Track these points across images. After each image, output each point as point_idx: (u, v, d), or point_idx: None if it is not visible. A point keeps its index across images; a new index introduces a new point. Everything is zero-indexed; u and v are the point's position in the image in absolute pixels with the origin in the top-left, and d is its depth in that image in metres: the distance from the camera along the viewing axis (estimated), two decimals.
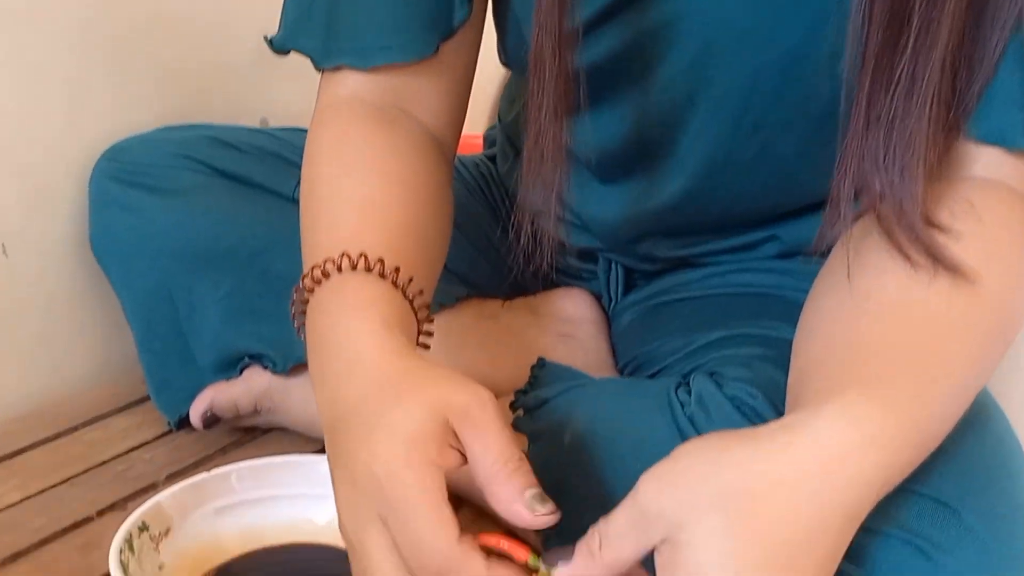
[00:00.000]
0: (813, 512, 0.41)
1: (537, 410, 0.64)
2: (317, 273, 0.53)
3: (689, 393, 0.56)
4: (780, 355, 0.56)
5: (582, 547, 0.46)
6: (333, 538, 0.68)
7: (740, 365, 0.58)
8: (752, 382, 0.55)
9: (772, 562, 0.40)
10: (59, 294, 0.95)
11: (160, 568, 0.61)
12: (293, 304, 0.56)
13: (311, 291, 0.54)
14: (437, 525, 0.43)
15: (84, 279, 0.96)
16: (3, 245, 0.89)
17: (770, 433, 0.43)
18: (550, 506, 0.45)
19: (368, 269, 0.52)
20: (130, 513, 0.60)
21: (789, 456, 0.42)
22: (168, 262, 0.83)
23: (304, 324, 0.55)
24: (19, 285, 0.91)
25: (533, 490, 0.45)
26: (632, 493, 0.44)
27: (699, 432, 0.54)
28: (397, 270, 0.53)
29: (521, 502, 0.45)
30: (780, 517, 0.41)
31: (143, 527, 0.62)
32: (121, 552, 0.58)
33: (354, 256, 0.52)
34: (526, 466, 0.46)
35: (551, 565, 0.46)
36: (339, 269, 0.52)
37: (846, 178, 0.51)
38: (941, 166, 0.52)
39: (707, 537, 0.41)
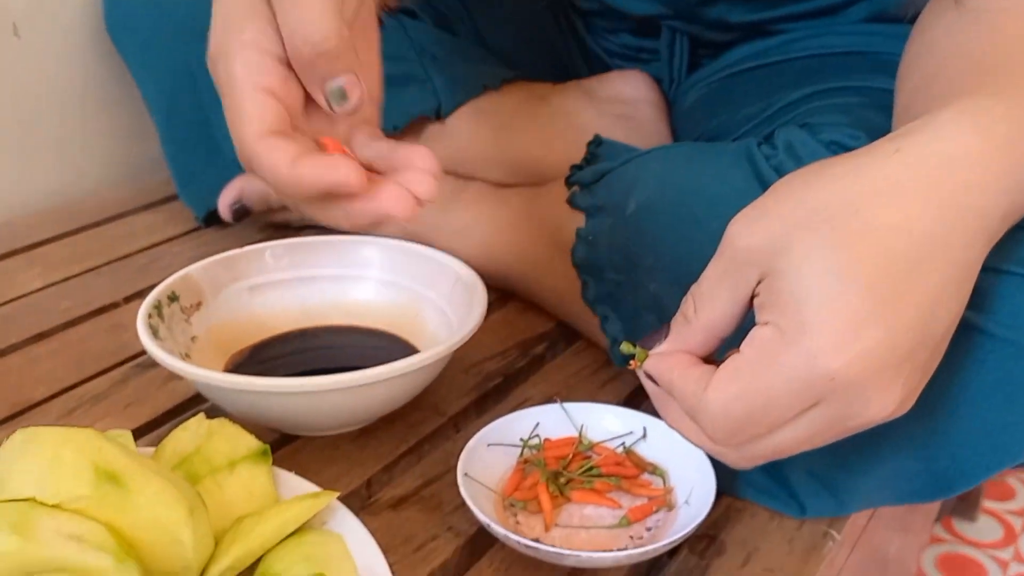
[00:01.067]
0: (929, 222, 0.35)
1: (595, 184, 0.59)
2: None
3: (775, 147, 0.50)
4: (881, 103, 0.49)
5: (677, 317, 0.41)
6: (372, 320, 0.64)
7: (836, 112, 0.52)
8: (853, 126, 0.48)
9: (883, 280, 0.34)
10: (76, 84, 0.89)
11: (193, 340, 0.58)
12: None
13: None
14: (238, 115, 0.42)
15: (104, 69, 0.90)
16: (14, 25, 0.83)
17: (876, 145, 0.37)
18: (351, 104, 0.43)
19: None
20: None
21: (900, 161, 0.36)
22: (190, 41, 0.76)
23: None
24: (33, 73, 0.85)
25: (338, 81, 0.43)
26: (720, 244, 0.39)
27: None
28: None
29: (321, 92, 0.43)
30: (890, 227, 0.35)
31: (173, 297, 0.58)
32: (150, 316, 0.54)
33: None
34: (344, 52, 0.42)
35: (648, 347, 0.41)
36: None
37: None
38: None
39: (806, 258, 0.35)
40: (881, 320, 0.34)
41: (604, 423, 0.53)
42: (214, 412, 0.51)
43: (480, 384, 0.61)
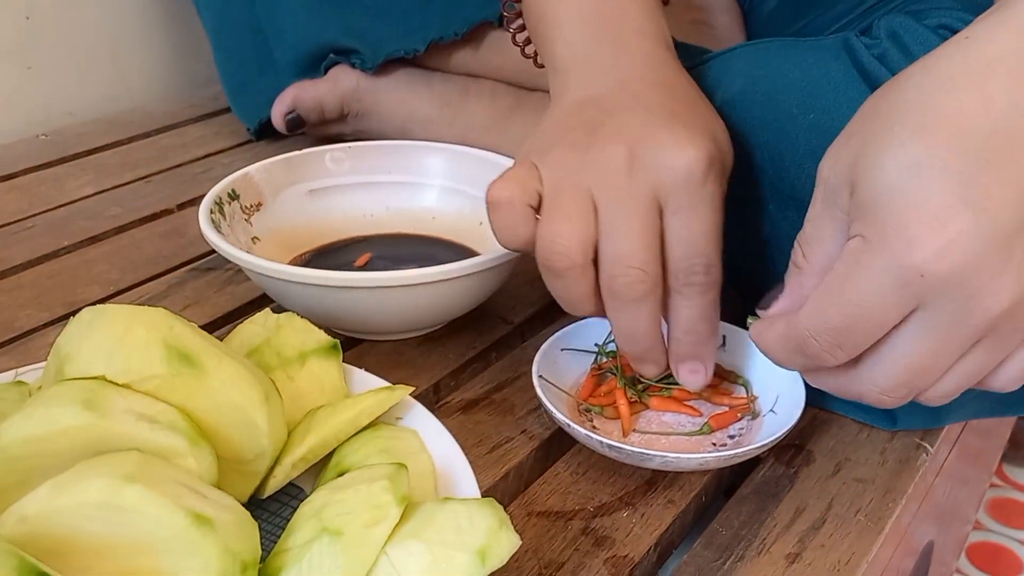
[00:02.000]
0: (1007, 98, 0.32)
1: None
2: None
3: (876, 36, 0.46)
4: None
5: (789, 268, 0.39)
6: (435, 228, 0.61)
7: None
8: (964, 8, 0.45)
9: (965, 165, 0.32)
10: None
11: (253, 241, 0.56)
12: None
13: None
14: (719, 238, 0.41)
15: None
16: None
17: (949, 40, 0.34)
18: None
19: None
20: None
21: (970, 47, 0.33)
22: None
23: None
24: None
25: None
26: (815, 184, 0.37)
27: (893, 72, 0.44)
28: None
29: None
30: (965, 111, 0.32)
31: (233, 195, 0.56)
32: (211, 212, 0.52)
33: None
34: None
35: (765, 307, 0.39)
36: None
37: None
38: None
39: (881, 160, 0.33)
40: (968, 204, 0.32)
41: None
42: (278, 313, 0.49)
43: (545, 295, 0.58)
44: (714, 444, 0.45)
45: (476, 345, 0.53)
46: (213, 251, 0.62)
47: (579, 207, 0.41)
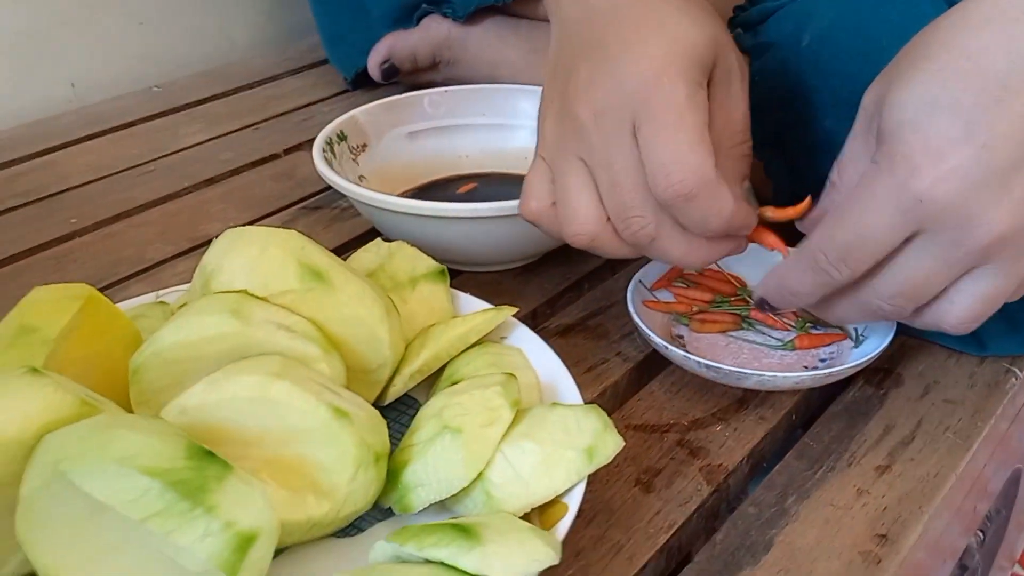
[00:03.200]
0: None
1: (761, 24, 0.57)
2: None
3: None
4: None
5: (826, 186, 0.42)
6: (526, 167, 0.64)
7: None
8: None
9: (977, 100, 0.34)
10: None
11: (360, 179, 0.59)
12: None
13: None
14: (698, 140, 0.38)
15: None
16: None
17: None
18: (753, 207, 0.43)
19: None
20: None
21: None
22: None
23: None
24: None
25: (747, 184, 0.44)
26: None
27: None
28: None
29: (739, 187, 0.43)
30: (985, 50, 0.34)
31: (341, 136, 0.59)
32: (324, 151, 0.56)
33: None
34: (751, 158, 0.44)
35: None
36: None
37: None
38: None
39: (903, 93, 0.36)
40: (971, 138, 0.34)
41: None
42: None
43: None
44: (804, 367, 0.47)
45: (569, 276, 0.56)
46: (320, 191, 0.66)
47: (576, 181, 0.42)
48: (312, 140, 0.57)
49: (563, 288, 0.55)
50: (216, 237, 0.41)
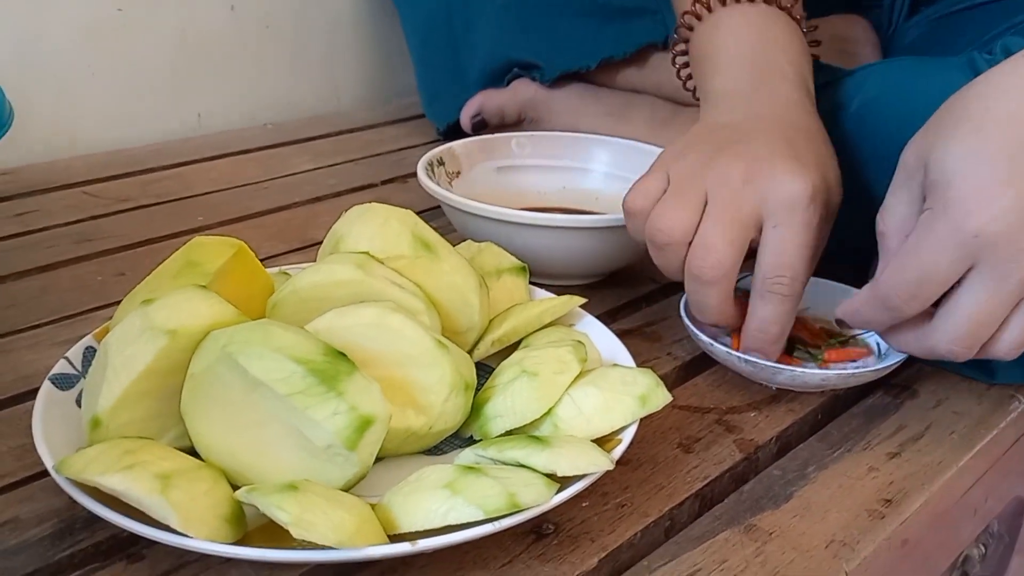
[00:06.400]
0: None
1: (817, 94, 0.65)
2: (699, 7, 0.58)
3: (994, 51, 0.55)
4: None
5: (877, 235, 0.48)
6: (598, 206, 0.73)
7: None
8: None
9: (1014, 154, 0.41)
10: (345, 13, 1.03)
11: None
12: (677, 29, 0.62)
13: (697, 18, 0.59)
14: (812, 257, 0.49)
15: (371, 2, 1.04)
16: None
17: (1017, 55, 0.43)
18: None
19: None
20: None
21: None
22: None
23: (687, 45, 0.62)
24: (309, 6, 1.00)
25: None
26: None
27: None
28: None
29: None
30: (1013, 115, 0.41)
31: (440, 161, 0.69)
32: (427, 170, 0.65)
33: None
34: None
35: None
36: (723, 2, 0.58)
37: None
38: None
39: (948, 147, 0.42)
40: (1015, 181, 0.41)
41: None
42: None
43: None
44: None
45: (629, 296, 0.64)
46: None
47: (692, 200, 0.50)
48: (406, 175, 0.67)
49: (623, 303, 0.63)
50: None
